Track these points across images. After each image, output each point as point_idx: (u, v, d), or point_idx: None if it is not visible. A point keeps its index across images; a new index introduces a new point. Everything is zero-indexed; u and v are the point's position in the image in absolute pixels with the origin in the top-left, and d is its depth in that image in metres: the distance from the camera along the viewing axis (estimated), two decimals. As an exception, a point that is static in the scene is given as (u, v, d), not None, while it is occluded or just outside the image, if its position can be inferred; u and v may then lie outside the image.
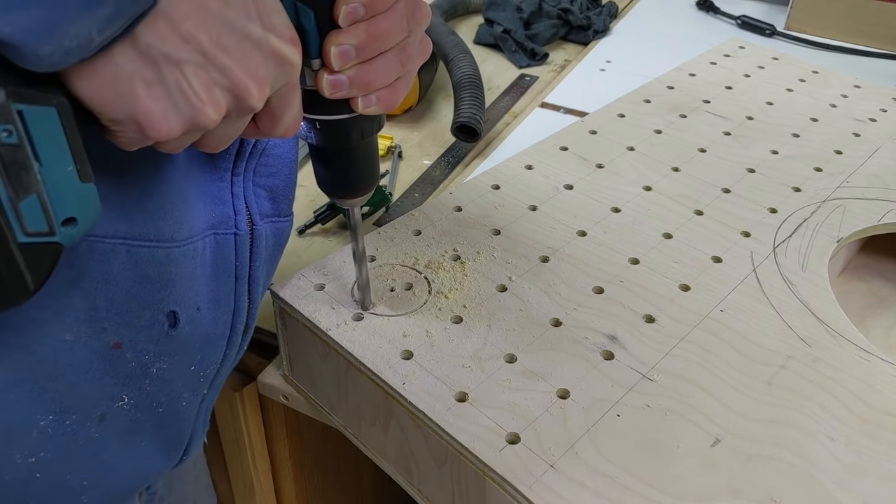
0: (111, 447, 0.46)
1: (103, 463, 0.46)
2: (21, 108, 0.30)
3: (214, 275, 0.48)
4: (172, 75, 0.33)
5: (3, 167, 0.30)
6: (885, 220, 0.68)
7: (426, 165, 0.91)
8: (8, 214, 0.31)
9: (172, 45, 0.32)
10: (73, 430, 0.43)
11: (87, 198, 0.34)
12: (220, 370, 0.52)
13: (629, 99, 0.87)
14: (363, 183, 0.49)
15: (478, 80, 0.95)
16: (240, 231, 0.49)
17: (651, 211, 0.68)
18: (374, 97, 0.42)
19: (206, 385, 0.51)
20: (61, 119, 0.32)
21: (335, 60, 0.39)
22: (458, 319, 0.55)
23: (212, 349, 0.50)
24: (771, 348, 0.54)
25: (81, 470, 0.45)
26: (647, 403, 0.49)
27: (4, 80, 0.29)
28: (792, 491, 0.45)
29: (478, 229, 0.64)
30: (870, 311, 0.70)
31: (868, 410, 0.50)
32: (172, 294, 0.45)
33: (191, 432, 0.53)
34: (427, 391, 0.49)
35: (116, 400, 0.45)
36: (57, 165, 0.32)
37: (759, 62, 0.98)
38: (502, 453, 0.46)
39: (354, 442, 0.59)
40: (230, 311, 0.50)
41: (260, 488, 0.78)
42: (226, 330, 0.50)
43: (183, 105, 0.34)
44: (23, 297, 0.34)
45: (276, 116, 0.39)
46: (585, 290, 0.58)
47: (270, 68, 0.36)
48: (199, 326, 0.48)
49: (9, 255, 0.32)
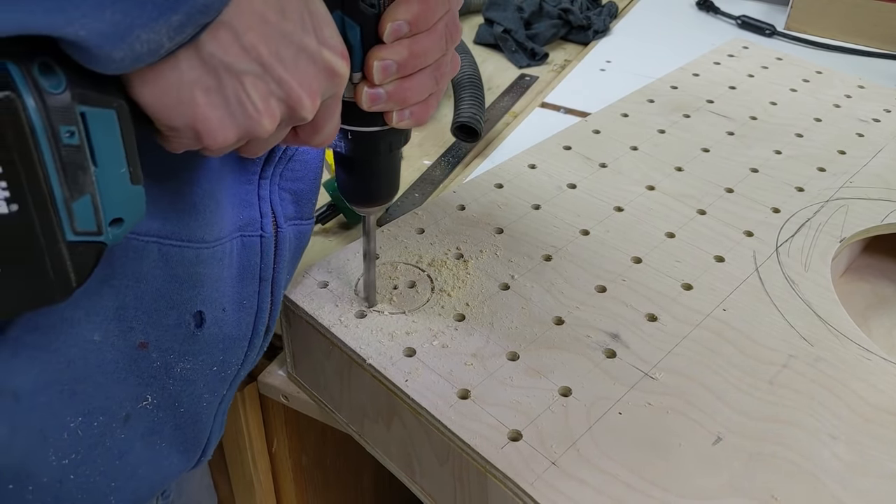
0: (135, 448, 0.47)
1: (128, 464, 0.47)
2: (84, 109, 0.31)
3: (240, 276, 0.49)
4: (232, 85, 0.34)
5: (63, 168, 0.31)
6: (888, 220, 0.68)
7: (426, 165, 0.91)
8: (61, 214, 0.32)
9: (234, 55, 0.33)
10: (101, 431, 0.44)
11: (135, 199, 0.35)
12: (240, 371, 0.52)
13: (632, 98, 0.87)
14: (385, 193, 0.50)
15: (478, 80, 0.95)
16: (265, 233, 0.50)
17: (654, 210, 0.68)
18: (408, 112, 0.43)
19: (225, 386, 0.52)
20: (120, 122, 0.32)
21: (377, 75, 0.40)
22: (461, 317, 0.55)
23: (234, 350, 0.50)
24: (773, 347, 0.54)
25: (109, 471, 0.46)
26: (648, 401, 0.50)
27: (71, 81, 0.30)
28: (793, 489, 0.45)
29: (481, 228, 0.64)
30: (872, 312, 0.70)
31: (869, 410, 0.50)
32: (200, 294, 0.46)
33: (209, 434, 0.53)
34: (430, 388, 0.50)
35: (140, 400, 0.46)
36: (112, 167, 0.33)
37: (763, 62, 0.98)
38: (504, 450, 0.46)
39: (357, 439, 0.59)
40: (253, 313, 0.51)
41: (260, 488, 0.78)
42: (248, 331, 0.51)
43: (240, 114, 0.34)
44: (65, 294, 0.34)
45: (318, 127, 0.40)
46: (588, 288, 0.58)
47: (322, 81, 0.37)
48: (223, 327, 0.48)
49: (57, 252, 0.32)
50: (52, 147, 0.30)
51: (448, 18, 0.42)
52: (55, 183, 0.31)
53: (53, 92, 0.30)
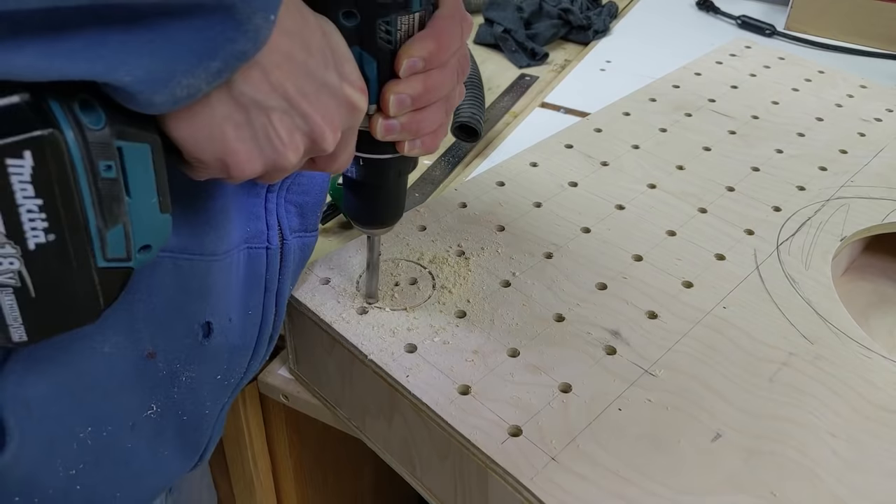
0: (141, 456, 0.47)
1: (133, 471, 0.47)
2: (121, 144, 0.32)
3: (246, 286, 0.50)
4: (260, 120, 0.35)
5: (99, 200, 0.32)
6: (889, 219, 0.68)
7: (426, 165, 0.91)
8: (94, 243, 0.33)
9: (263, 92, 0.34)
10: (108, 440, 0.44)
11: (162, 227, 0.36)
12: (243, 380, 0.53)
13: (634, 97, 0.87)
14: (391, 216, 0.51)
15: (478, 80, 0.96)
16: (271, 245, 0.51)
17: (655, 208, 0.68)
18: (419, 141, 0.44)
19: (227, 393, 0.53)
20: (153, 155, 0.33)
21: (393, 107, 0.41)
22: (462, 314, 0.55)
23: (238, 358, 0.51)
24: (773, 345, 0.54)
25: (115, 479, 0.46)
26: (648, 398, 0.50)
27: (109, 118, 0.31)
28: (792, 486, 0.45)
29: (482, 225, 0.64)
30: (873, 311, 0.70)
31: (869, 407, 0.50)
32: (209, 305, 0.47)
33: (208, 438, 0.53)
34: (430, 384, 0.50)
35: (146, 409, 0.46)
36: (144, 198, 0.34)
37: (765, 62, 0.98)
38: (504, 446, 0.46)
39: (358, 435, 0.59)
40: (258, 322, 0.52)
41: (260, 488, 0.78)
42: (252, 340, 0.52)
43: (267, 147, 0.36)
44: (93, 318, 0.35)
45: (335, 156, 0.41)
46: (588, 286, 0.58)
47: (342, 114, 0.38)
48: (229, 336, 0.49)
49: (88, 278, 0.34)
50: (90, 180, 0.31)
51: (460, 54, 0.43)
52: (91, 214, 0.32)
53: (94, 128, 0.31)
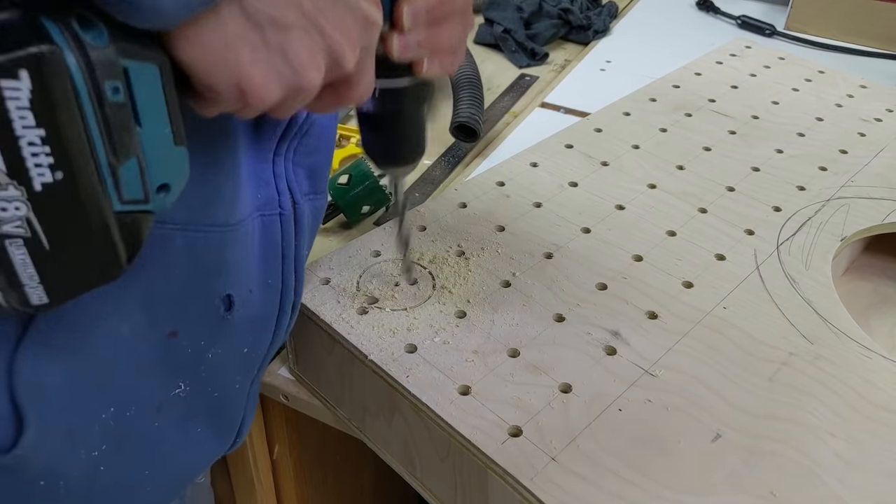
0: (170, 436, 0.46)
1: (163, 452, 0.46)
2: (127, 64, 0.28)
3: (263, 256, 0.49)
4: (277, 39, 0.32)
5: (107, 129, 0.29)
6: (890, 219, 0.68)
7: (426, 165, 0.91)
8: (107, 181, 0.29)
9: (278, 7, 0.32)
10: (133, 422, 0.43)
11: (179, 162, 0.33)
12: (269, 351, 0.52)
13: (634, 97, 0.87)
14: (413, 151, 0.50)
15: (477, 80, 0.95)
16: (284, 210, 0.49)
17: (655, 209, 0.68)
18: (437, 61, 0.43)
19: (256, 366, 0.52)
20: (162, 77, 0.30)
21: (407, 20, 0.40)
22: (462, 314, 0.55)
23: (262, 330, 0.50)
24: (773, 345, 0.54)
25: (143, 460, 0.45)
26: (648, 398, 0.50)
27: (113, 35, 0.28)
28: (792, 486, 0.45)
29: (482, 225, 0.64)
30: (873, 311, 0.70)
31: (869, 407, 0.50)
32: (227, 278, 0.45)
33: (242, 416, 0.53)
34: (430, 384, 0.50)
35: (173, 388, 0.45)
36: (156, 127, 0.31)
37: (766, 62, 0.98)
38: (504, 446, 0.46)
39: (358, 435, 0.59)
40: (278, 291, 0.50)
41: (260, 488, 0.78)
42: (275, 310, 0.50)
43: (285, 69, 0.33)
44: (116, 272, 0.32)
45: (354, 81, 0.38)
46: (589, 286, 0.58)
47: (360, 30, 0.36)
48: (251, 308, 0.48)
49: (105, 225, 0.30)
50: (96, 106, 0.28)
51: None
52: (99, 146, 0.29)
53: (96, 45, 0.27)
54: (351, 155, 0.92)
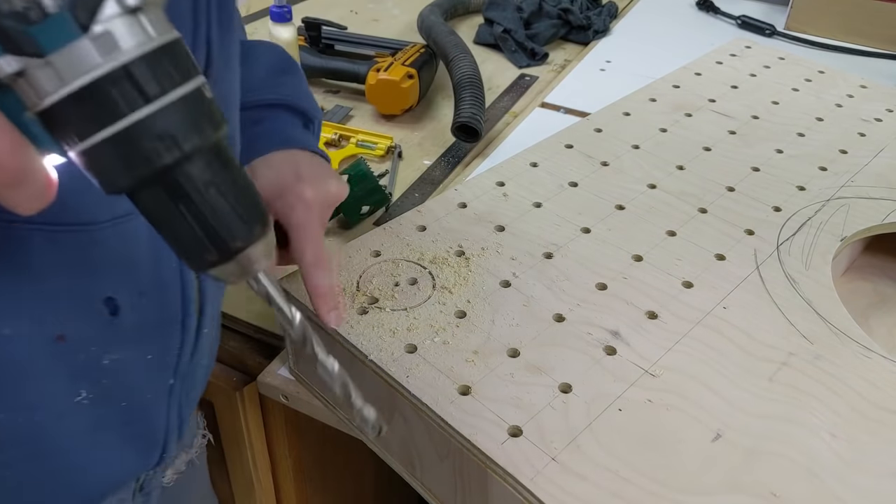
0: (78, 446, 0.45)
1: (72, 463, 0.45)
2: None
3: (155, 257, 0.46)
4: None
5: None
6: (890, 219, 0.68)
7: (426, 165, 0.91)
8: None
9: None
10: (30, 428, 0.43)
11: None
12: (181, 358, 0.50)
13: (635, 97, 0.87)
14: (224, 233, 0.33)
15: (478, 80, 0.96)
16: None
17: (655, 209, 0.68)
18: None
19: (169, 375, 0.50)
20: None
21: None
22: (462, 314, 0.55)
23: (166, 336, 0.48)
24: (773, 345, 0.54)
25: (50, 469, 0.45)
26: (648, 398, 0.50)
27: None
28: (792, 486, 0.45)
29: (482, 225, 0.64)
30: (873, 311, 0.70)
31: (869, 407, 0.50)
32: (106, 280, 0.43)
33: (165, 430, 0.51)
34: (430, 384, 0.50)
35: (74, 395, 0.44)
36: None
37: (765, 62, 0.98)
38: (504, 446, 0.46)
39: (358, 436, 0.59)
40: (179, 293, 0.48)
41: (260, 488, 0.78)
42: (178, 314, 0.48)
43: None
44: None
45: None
46: (589, 286, 0.58)
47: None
48: (145, 313, 0.46)
49: None
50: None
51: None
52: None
53: None
54: (351, 155, 0.92)
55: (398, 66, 0.99)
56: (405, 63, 0.99)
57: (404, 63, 0.99)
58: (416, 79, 0.98)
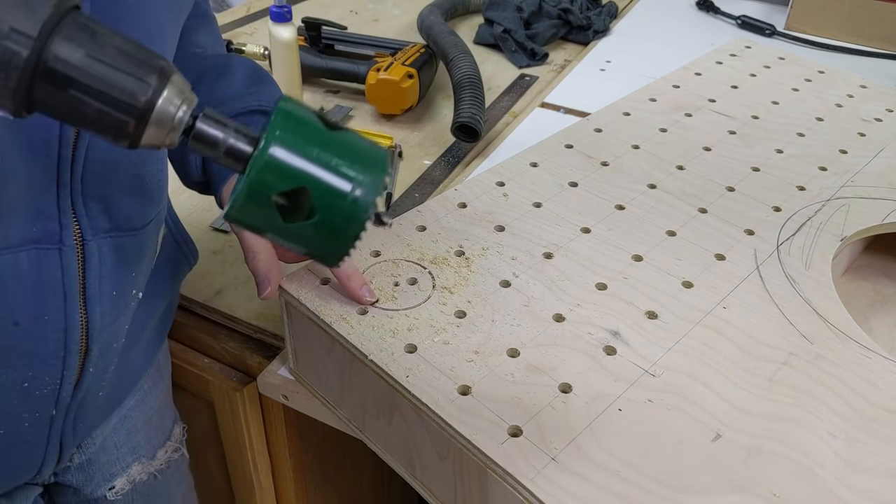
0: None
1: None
2: None
3: (36, 290, 0.46)
4: None
5: None
6: (890, 219, 0.68)
7: (426, 165, 0.91)
8: None
9: None
10: None
11: None
12: (62, 391, 0.50)
13: (634, 97, 0.87)
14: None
15: (478, 80, 0.96)
16: (65, 246, 0.46)
17: (655, 209, 0.68)
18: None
19: (49, 406, 0.50)
20: None
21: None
22: (462, 314, 0.55)
23: (43, 367, 0.48)
24: (773, 345, 0.54)
25: None
26: (648, 398, 0.50)
27: None
28: (792, 486, 0.45)
29: (482, 225, 0.64)
30: (874, 311, 0.70)
31: (869, 407, 0.50)
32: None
33: (43, 457, 0.52)
34: (430, 384, 0.50)
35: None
36: None
37: (766, 62, 0.98)
38: (504, 446, 0.46)
39: (358, 435, 0.59)
40: (61, 330, 0.48)
41: (260, 488, 0.78)
42: (58, 349, 0.48)
43: None
44: None
45: None
46: (589, 286, 0.58)
47: None
48: (18, 341, 0.46)
49: None
50: None
51: None
52: None
53: None
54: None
55: (398, 66, 0.99)
56: (405, 63, 0.99)
57: (404, 63, 0.99)
58: (416, 79, 0.98)
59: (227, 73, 0.61)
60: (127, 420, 0.64)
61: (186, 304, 0.73)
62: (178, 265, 0.63)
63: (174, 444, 0.69)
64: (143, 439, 0.66)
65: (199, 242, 0.78)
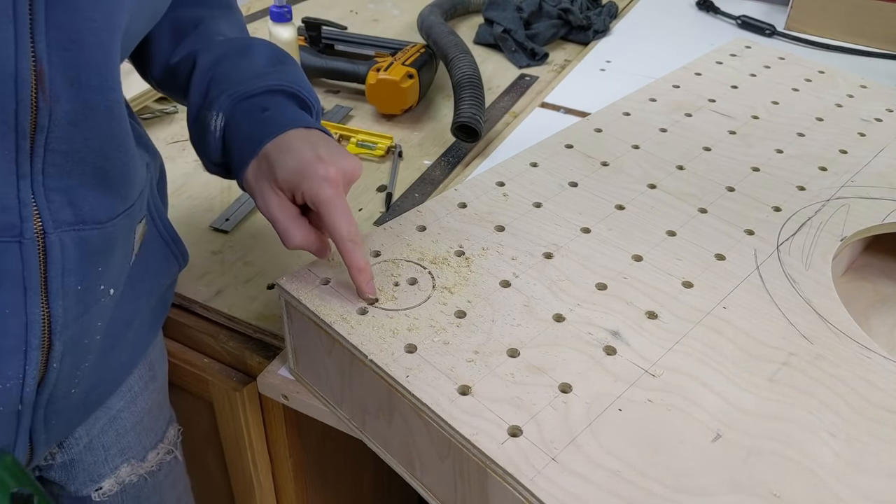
0: None
1: None
2: None
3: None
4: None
5: None
6: (890, 219, 0.68)
7: (426, 165, 0.91)
8: None
9: None
10: None
11: None
12: (25, 387, 0.49)
13: (634, 97, 0.87)
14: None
15: (478, 80, 0.96)
16: (25, 239, 0.45)
17: (655, 209, 0.68)
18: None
19: (14, 402, 0.49)
20: None
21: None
22: (462, 314, 0.55)
23: (5, 361, 0.47)
24: (773, 345, 0.54)
25: None
26: (648, 398, 0.50)
27: None
28: (792, 486, 0.45)
29: (482, 226, 0.64)
30: (874, 311, 0.70)
31: (869, 407, 0.50)
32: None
33: (12, 449, 0.51)
34: (430, 384, 0.50)
35: None
36: None
37: (766, 62, 0.98)
38: (504, 446, 0.46)
39: (358, 435, 0.59)
40: (22, 324, 0.47)
41: (260, 488, 0.78)
42: (20, 343, 0.47)
43: None
44: None
45: None
46: (589, 286, 0.58)
47: None
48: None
49: None
50: None
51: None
52: None
53: None
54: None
55: (398, 66, 0.99)
56: (405, 63, 0.99)
57: (404, 63, 0.99)
58: (416, 79, 0.98)
59: (248, 53, 0.61)
60: (116, 421, 0.63)
61: (186, 304, 0.73)
62: (166, 265, 0.63)
63: (167, 447, 0.69)
64: (134, 441, 0.65)
65: (199, 242, 0.79)
